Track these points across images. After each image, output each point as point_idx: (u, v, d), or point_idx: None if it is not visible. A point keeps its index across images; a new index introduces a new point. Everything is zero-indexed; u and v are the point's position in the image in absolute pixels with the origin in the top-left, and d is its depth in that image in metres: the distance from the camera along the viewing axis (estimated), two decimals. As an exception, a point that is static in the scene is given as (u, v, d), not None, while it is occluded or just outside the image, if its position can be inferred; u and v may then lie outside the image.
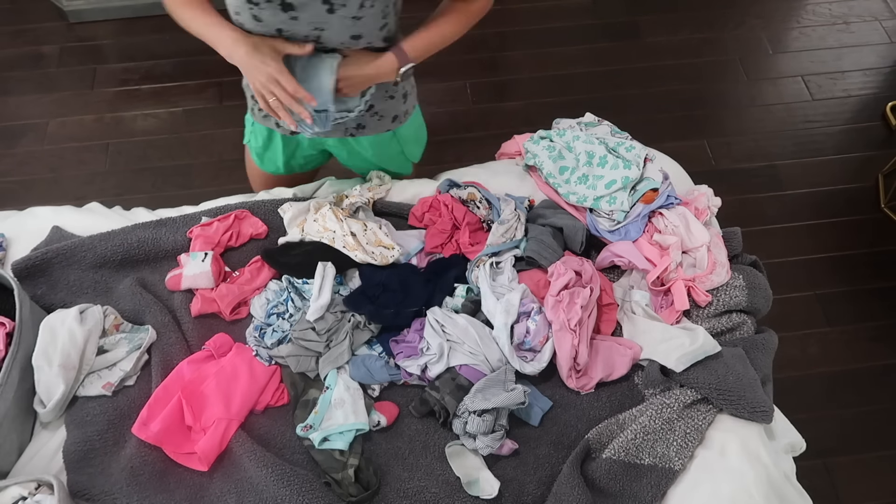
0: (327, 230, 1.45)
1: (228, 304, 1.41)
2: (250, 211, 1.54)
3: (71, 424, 1.30)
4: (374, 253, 1.43)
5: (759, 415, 1.27)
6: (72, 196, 2.50)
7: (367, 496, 1.22)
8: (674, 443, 1.25)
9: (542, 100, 2.79)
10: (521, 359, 1.33)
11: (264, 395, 1.33)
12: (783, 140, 2.70)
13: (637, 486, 1.23)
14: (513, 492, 1.25)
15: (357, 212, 1.53)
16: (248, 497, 1.21)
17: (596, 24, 3.04)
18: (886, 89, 2.83)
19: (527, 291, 1.39)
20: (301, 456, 1.28)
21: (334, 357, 1.33)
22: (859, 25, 3.02)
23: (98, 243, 1.47)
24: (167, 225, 1.51)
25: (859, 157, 2.65)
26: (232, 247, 1.52)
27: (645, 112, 2.77)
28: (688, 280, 1.41)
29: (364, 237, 1.44)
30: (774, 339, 1.42)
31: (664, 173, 1.53)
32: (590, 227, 1.51)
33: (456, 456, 1.29)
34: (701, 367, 1.29)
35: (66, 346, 1.28)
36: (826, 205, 2.54)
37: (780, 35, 3.00)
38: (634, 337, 1.40)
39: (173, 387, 1.30)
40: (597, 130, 1.63)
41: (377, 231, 1.47)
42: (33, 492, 1.16)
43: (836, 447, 2.04)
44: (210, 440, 1.24)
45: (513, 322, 1.34)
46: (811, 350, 2.22)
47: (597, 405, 1.34)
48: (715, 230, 1.50)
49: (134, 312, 1.42)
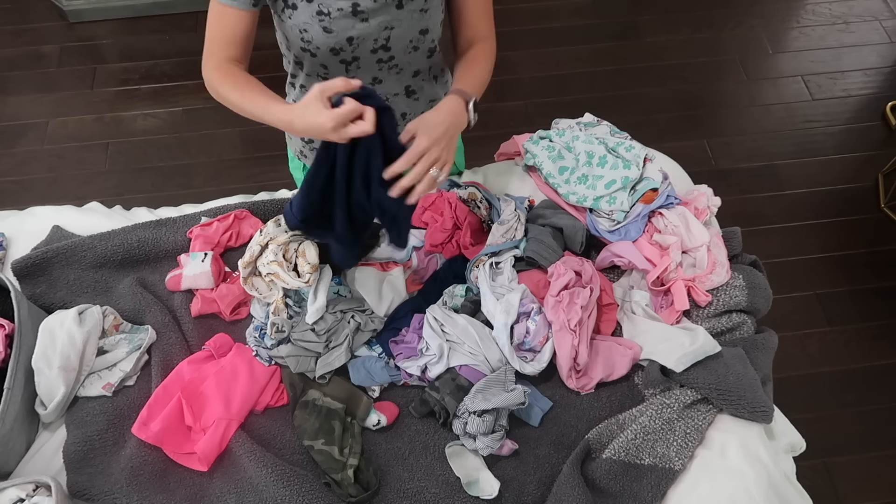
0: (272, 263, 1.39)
1: (228, 305, 1.41)
2: (250, 211, 1.54)
3: (71, 424, 1.30)
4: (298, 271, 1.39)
5: (759, 415, 1.27)
6: (72, 196, 2.51)
7: (367, 496, 1.22)
8: (674, 443, 1.25)
9: (541, 100, 2.79)
10: (521, 359, 1.33)
11: (264, 395, 1.33)
12: (783, 140, 2.70)
13: (637, 487, 1.23)
14: (513, 492, 1.25)
15: None
16: (248, 497, 1.21)
17: (596, 23, 3.04)
18: (886, 89, 2.83)
19: (526, 292, 1.39)
20: (301, 456, 1.28)
21: (331, 360, 1.33)
22: (859, 25, 3.02)
23: (98, 243, 1.47)
24: (167, 225, 1.51)
25: (859, 157, 2.65)
26: (232, 247, 1.52)
27: (645, 112, 2.77)
28: (688, 280, 1.41)
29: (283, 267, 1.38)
30: (774, 339, 1.42)
31: (664, 173, 1.53)
32: (590, 227, 1.51)
33: (456, 456, 1.29)
34: (701, 367, 1.29)
35: (65, 348, 1.28)
36: (826, 205, 2.54)
37: (780, 35, 3.01)
38: (634, 337, 1.40)
39: (173, 387, 1.30)
40: (596, 130, 1.63)
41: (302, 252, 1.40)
42: (31, 493, 1.16)
43: (836, 447, 2.04)
44: (210, 440, 1.24)
45: (513, 322, 1.34)
46: (811, 350, 2.23)
47: (597, 405, 1.34)
48: (715, 230, 1.50)
49: (134, 312, 1.42)
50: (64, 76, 2.87)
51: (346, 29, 1.23)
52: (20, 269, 1.44)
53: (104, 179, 2.59)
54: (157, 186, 2.58)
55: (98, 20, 3.02)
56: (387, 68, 1.32)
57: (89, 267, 1.46)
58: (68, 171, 2.61)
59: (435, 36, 1.32)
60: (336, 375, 1.35)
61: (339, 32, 1.23)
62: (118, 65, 2.91)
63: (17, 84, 2.85)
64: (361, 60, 1.29)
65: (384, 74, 1.32)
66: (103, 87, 2.84)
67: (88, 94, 2.82)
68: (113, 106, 2.78)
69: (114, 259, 1.47)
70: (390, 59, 1.30)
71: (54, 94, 2.82)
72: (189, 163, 2.64)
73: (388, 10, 1.22)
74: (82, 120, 2.75)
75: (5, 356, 1.27)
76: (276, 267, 1.36)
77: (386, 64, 1.31)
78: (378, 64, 1.30)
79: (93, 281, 1.46)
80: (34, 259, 1.44)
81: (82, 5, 2.96)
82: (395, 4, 1.22)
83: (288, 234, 1.41)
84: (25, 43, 2.97)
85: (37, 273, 1.45)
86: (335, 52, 1.27)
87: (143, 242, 1.48)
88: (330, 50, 1.26)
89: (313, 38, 1.24)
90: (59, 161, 2.63)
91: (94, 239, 1.47)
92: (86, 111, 2.77)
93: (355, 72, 1.31)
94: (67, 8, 2.96)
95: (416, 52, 1.32)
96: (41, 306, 1.42)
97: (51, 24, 3.02)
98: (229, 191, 1.73)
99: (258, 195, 1.64)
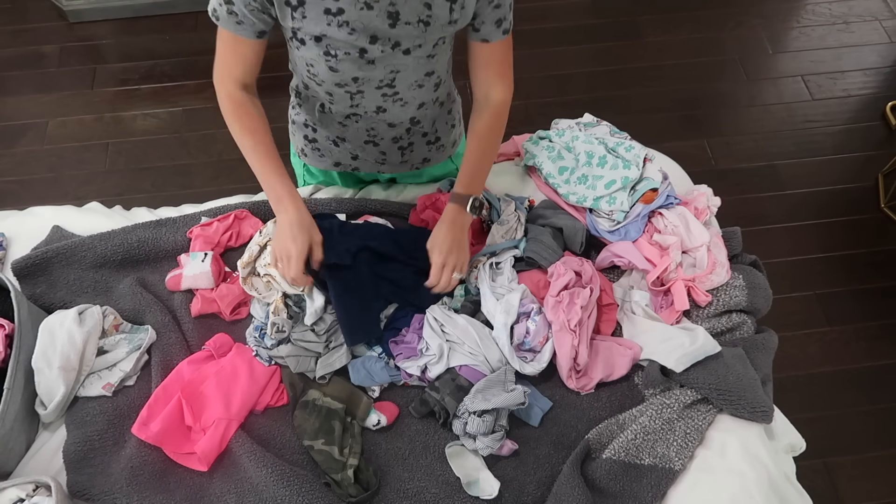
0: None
1: (228, 305, 1.41)
2: (250, 211, 1.54)
3: (71, 424, 1.30)
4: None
5: (759, 415, 1.27)
6: (72, 196, 2.51)
7: (367, 496, 1.22)
8: (674, 443, 1.25)
9: (542, 100, 2.79)
10: (521, 359, 1.33)
11: (264, 395, 1.33)
12: (783, 140, 2.70)
13: (637, 487, 1.22)
14: (513, 492, 1.25)
15: None
16: (247, 497, 1.21)
17: (596, 23, 3.04)
18: (886, 89, 2.83)
19: (526, 292, 1.39)
20: (301, 456, 1.28)
21: (331, 361, 1.33)
22: (859, 25, 3.02)
23: (98, 243, 1.47)
24: (167, 225, 1.51)
25: (859, 157, 2.65)
26: (232, 247, 1.52)
27: (645, 112, 2.77)
28: (688, 280, 1.41)
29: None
30: (774, 339, 1.42)
31: (663, 173, 1.53)
32: (590, 228, 1.51)
33: (456, 456, 1.29)
34: (701, 368, 1.29)
35: (65, 349, 1.28)
36: (826, 204, 2.54)
37: (780, 35, 3.00)
38: (634, 337, 1.40)
39: (173, 387, 1.30)
40: (596, 130, 1.63)
41: None
42: (31, 493, 1.16)
43: (836, 447, 2.04)
44: (210, 440, 1.24)
45: (513, 322, 1.34)
46: (811, 350, 2.22)
47: (597, 405, 1.34)
48: (715, 230, 1.50)
49: (134, 312, 1.41)
50: (64, 76, 2.87)
51: (352, 70, 1.23)
52: (20, 269, 1.44)
53: (104, 179, 2.59)
54: (157, 186, 2.58)
55: (98, 20, 3.02)
56: (391, 101, 1.32)
57: (89, 267, 1.46)
58: (68, 171, 2.61)
59: (441, 75, 1.33)
60: (336, 375, 1.35)
61: (345, 73, 1.24)
62: (118, 65, 2.91)
63: (17, 84, 2.85)
64: (366, 94, 1.30)
65: (388, 105, 1.33)
66: (103, 87, 2.84)
67: (88, 94, 2.82)
68: (113, 106, 2.78)
69: (114, 259, 1.47)
70: (395, 94, 1.31)
71: (54, 94, 2.82)
72: (189, 163, 2.63)
73: (394, 56, 1.22)
74: (82, 120, 2.74)
75: (5, 356, 1.27)
76: (273, 269, 1.36)
77: (391, 98, 1.32)
78: (383, 98, 1.31)
79: (93, 281, 1.46)
80: (34, 259, 1.44)
81: (82, 5, 2.96)
82: (402, 51, 1.21)
83: None
84: (25, 43, 2.97)
85: (37, 273, 1.45)
86: (339, 86, 1.28)
87: (143, 242, 1.48)
88: (335, 84, 1.27)
89: (319, 73, 1.25)
90: (59, 161, 2.63)
91: (94, 239, 1.47)
92: (86, 111, 2.77)
93: (359, 101, 1.32)
94: (67, 8, 2.96)
95: (422, 89, 1.33)
96: (41, 306, 1.42)
97: (51, 24, 3.02)
98: (229, 191, 1.73)
99: (258, 195, 1.64)
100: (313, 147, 1.51)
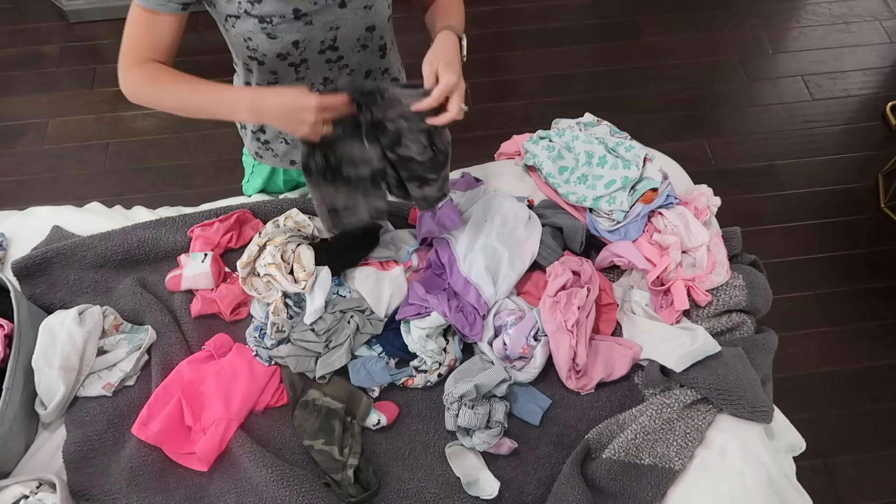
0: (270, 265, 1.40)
1: (228, 305, 1.41)
2: (251, 212, 1.54)
3: (71, 424, 1.30)
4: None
5: (759, 415, 1.27)
6: (72, 196, 2.50)
7: (367, 496, 1.22)
8: (674, 443, 1.25)
9: (541, 100, 2.79)
10: (513, 367, 1.33)
11: (264, 395, 1.33)
12: (783, 140, 2.70)
13: (637, 487, 1.23)
14: (513, 492, 1.25)
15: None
16: (247, 497, 1.21)
17: (596, 24, 3.04)
18: (886, 89, 2.83)
19: (506, 304, 1.38)
20: (301, 456, 1.28)
21: (331, 360, 1.33)
22: (859, 25, 3.02)
23: (98, 243, 1.47)
24: (167, 225, 1.51)
25: (859, 157, 2.65)
26: (232, 248, 1.51)
27: (645, 112, 2.77)
28: (687, 280, 1.41)
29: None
30: (774, 339, 1.42)
31: (663, 173, 1.53)
32: (589, 227, 1.51)
33: (456, 456, 1.29)
34: (701, 367, 1.29)
35: (65, 348, 1.28)
36: (826, 205, 2.54)
37: (780, 35, 3.00)
38: (634, 337, 1.40)
39: (173, 387, 1.30)
40: (596, 130, 1.63)
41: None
42: (35, 490, 1.16)
43: (836, 447, 2.04)
44: (210, 440, 1.24)
45: (490, 338, 1.35)
46: (811, 350, 2.22)
47: (597, 405, 1.34)
48: (715, 230, 1.50)
49: (134, 312, 1.41)
50: (64, 76, 2.87)
51: (290, 33, 1.21)
52: (20, 269, 1.44)
53: (104, 179, 2.59)
54: (156, 186, 2.58)
55: (98, 20, 3.02)
56: (337, 68, 1.29)
57: (89, 267, 1.46)
58: (68, 171, 2.61)
59: (383, 33, 1.30)
60: (336, 375, 1.35)
61: (284, 38, 1.21)
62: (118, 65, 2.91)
63: (17, 84, 2.85)
64: (310, 62, 1.27)
65: (335, 74, 1.30)
66: (103, 87, 2.84)
67: (88, 94, 2.82)
68: (113, 106, 2.78)
69: (114, 259, 1.47)
70: (339, 59, 1.28)
71: (54, 94, 2.82)
72: (189, 163, 2.63)
73: (330, 11, 1.20)
74: (82, 120, 2.74)
75: (5, 356, 1.27)
76: (273, 269, 1.36)
77: (336, 64, 1.29)
78: (328, 64, 1.28)
79: (93, 281, 1.46)
80: (34, 259, 1.44)
81: (82, 5, 2.96)
82: (337, 4, 1.20)
83: (285, 235, 1.41)
84: (25, 43, 2.97)
85: (37, 273, 1.45)
86: (282, 58, 1.25)
87: (143, 242, 1.48)
88: (276, 55, 1.24)
89: (258, 46, 1.23)
90: (59, 161, 2.63)
91: (94, 239, 1.47)
92: (86, 111, 2.77)
93: (305, 73, 1.29)
94: (67, 8, 2.96)
95: (366, 51, 1.30)
96: (41, 306, 1.42)
97: (51, 24, 3.02)
98: (229, 191, 1.73)
99: (258, 196, 1.64)
100: (267, 147, 1.50)
